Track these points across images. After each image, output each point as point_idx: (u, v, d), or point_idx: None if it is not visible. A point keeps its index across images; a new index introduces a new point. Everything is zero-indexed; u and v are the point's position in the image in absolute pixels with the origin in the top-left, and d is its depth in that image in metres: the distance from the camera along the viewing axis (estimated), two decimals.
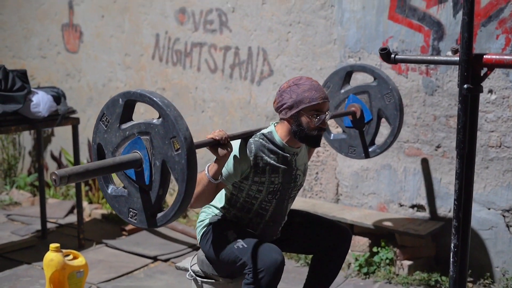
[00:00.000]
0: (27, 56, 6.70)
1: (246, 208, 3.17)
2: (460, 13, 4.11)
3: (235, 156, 3.02)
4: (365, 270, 4.30)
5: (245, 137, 3.08)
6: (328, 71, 4.58)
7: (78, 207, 4.97)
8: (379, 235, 4.40)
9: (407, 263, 4.23)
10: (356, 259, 4.37)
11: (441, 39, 4.21)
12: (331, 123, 4.41)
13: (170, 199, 5.30)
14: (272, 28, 4.94)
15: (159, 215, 2.54)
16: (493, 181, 4.09)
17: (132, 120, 2.60)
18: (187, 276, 3.35)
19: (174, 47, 5.56)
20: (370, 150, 3.98)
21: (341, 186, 4.76)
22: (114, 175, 2.70)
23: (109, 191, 2.69)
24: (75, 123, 4.87)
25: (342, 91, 4.03)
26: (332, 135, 4.15)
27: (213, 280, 3.29)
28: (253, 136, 3.08)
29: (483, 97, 4.04)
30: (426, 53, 4.28)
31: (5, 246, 4.91)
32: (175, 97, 5.58)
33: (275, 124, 3.14)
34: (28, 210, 5.88)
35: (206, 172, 2.92)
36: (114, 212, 5.66)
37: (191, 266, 3.39)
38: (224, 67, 5.26)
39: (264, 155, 3.04)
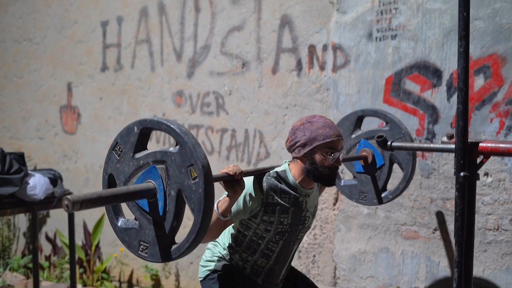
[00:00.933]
0: (25, 137, 6.74)
1: (252, 248, 3.10)
2: (454, 96, 4.18)
3: (246, 193, 2.97)
4: None
5: (258, 174, 3.04)
6: None
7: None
8: None
9: None
10: None
11: (436, 122, 4.25)
12: (341, 168, 4.36)
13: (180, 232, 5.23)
14: (269, 111, 5.00)
15: (173, 247, 2.44)
16: (491, 265, 4.06)
17: (147, 149, 2.54)
18: None
19: None
20: (382, 196, 3.91)
21: (338, 270, 4.71)
22: (124, 207, 2.63)
23: (119, 224, 2.59)
24: None
25: (353, 136, 4.01)
26: (342, 181, 4.09)
27: None
28: (266, 174, 3.04)
29: (479, 180, 4.04)
30: (421, 136, 4.31)
31: None
32: None
33: (289, 162, 3.11)
34: None
35: (216, 208, 2.88)
36: None
37: None
38: (221, 149, 5.29)
39: (275, 195, 3.00)
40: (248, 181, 3.00)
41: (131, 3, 5.83)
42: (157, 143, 5.66)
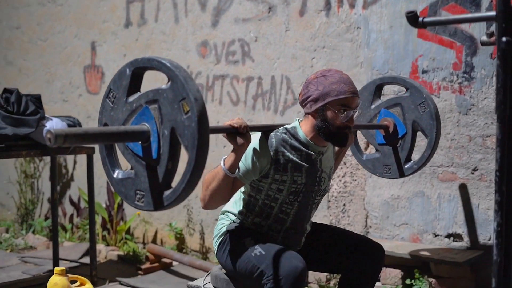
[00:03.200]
0: (49, 101, 6.58)
1: (265, 212, 2.87)
2: (494, 26, 3.88)
3: (254, 150, 2.73)
4: None
5: (265, 131, 2.80)
6: None
7: (91, 243, 4.70)
8: (412, 266, 4.03)
9: None
10: None
11: (474, 54, 3.96)
12: (363, 143, 4.11)
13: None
14: (296, 55, 4.75)
15: (167, 192, 2.24)
16: None
17: (140, 92, 2.36)
18: None
19: (196, 81, 5.38)
20: (406, 167, 3.61)
21: (370, 218, 4.43)
22: (121, 160, 2.45)
23: (115, 175, 2.41)
24: (90, 153, 4.65)
25: (373, 106, 3.73)
26: (364, 155, 3.82)
27: None
28: (274, 131, 2.81)
29: None
30: (459, 70, 4.02)
31: (15, 283, 4.64)
32: None
33: (300, 120, 2.89)
34: (42, 253, 5.62)
35: (222, 164, 2.65)
36: (130, 252, 5.38)
37: (204, 285, 3.09)
38: (247, 99, 5.06)
39: (286, 151, 2.77)
40: (256, 137, 2.77)
41: None
42: None
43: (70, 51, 6.44)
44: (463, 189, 4.04)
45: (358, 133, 3.89)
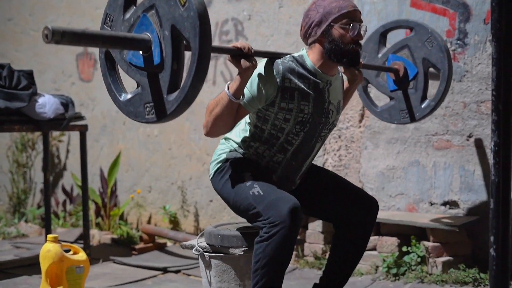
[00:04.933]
0: (42, 91, 6.50)
1: (270, 142, 2.82)
2: None
3: (260, 76, 2.68)
4: (394, 271, 3.89)
5: (271, 57, 2.74)
6: None
7: (84, 221, 4.67)
8: (409, 234, 4.00)
9: (441, 260, 3.81)
10: (384, 260, 3.96)
11: (467, 20, 3.96)
12: (375, 95, 4.04)
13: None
14: (290, 31, 4.74)
15: (175, 93, 2.22)
16: None
17: (135, 6, 2.35)
18: (193, 252, 3.01)
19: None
20: (423, 106, 3.57)
21: (366, 190, 4.39)
22: (126, 82, 2.46)
23: (121, 98, 2.44)
24: (83, 130, 4.63)
25: (380, 55, 3.71)
26: (379, 107, 3.80)
27: (221, 254, 2.94)
28: (281, 58, 2.75)
29: None
30: (452, 37, 4.02)
31: (5, 263, 4.59)
32: (190, 115, 5.34)
33: (307, 50, 2.83)
34: (34, 239, 5.57)
35: (226, 89, 2.60)
36: (124, 235, 5.33)
37: (198, 243, 3.06)
38: None
39: (292, 78, 2.71)
40: (261, 63, 2.73)
41: None
42: None
43: None
44: (459, 156, 4.02)
45: (370, 86, 3.86)
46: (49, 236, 3.40)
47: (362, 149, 4.41)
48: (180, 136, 5.45)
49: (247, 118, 2.86)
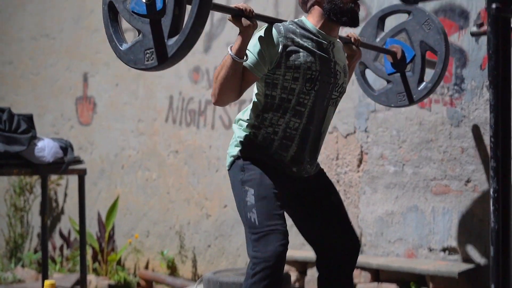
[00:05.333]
0: (41, 134, 6.53)
1: (283, 107, 2.77)
2: (483, 37, 3.92)
3: (261, 39, 2.70)
4: None
5: (271, 21, 2.78)
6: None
7: (81, 267, 4.63)
8: (408, 281, 3.98)
9: None
10: None
11: (464, 66, 4.00)
12: (372, 80, 4.01)
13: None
14: None
15: (176, 36, 2.28)
16: None
17: None
18: None
19: (188, 107, 5.40)
20: (420, 88, 3.56)
21: (364, 235, 4.39)
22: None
23: (122, 47, 2.50)
24: (81, 174, 4.63)
25: (378, 39, 3.73)
26: (376, 91, 3.80)
27: None
28: (281, 23, 2.79)
29: None
30: (449, 82, 4.06)
31: None
32: (189, 159, 5.36)
33: (306, 16, 2.87)
34: (31, 285, 5.52)
35: (229, 50, 2.63)
36: (121, 281, 5.29)
37: None
38: None
39: (295, 37, 2.73)
40: (262, 28, 2.77)
41: None
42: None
43: (62, 83, 6.47)
44: (457, 201, 4.02)
45: (367, 71, 3.89)
46: (46, 282, 3.38)
47: (360, 194, 4.41)
48: (179, 180, 5.45)
49: (255, 92, 2.86)
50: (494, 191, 2.05)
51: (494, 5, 2.03)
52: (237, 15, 2.60)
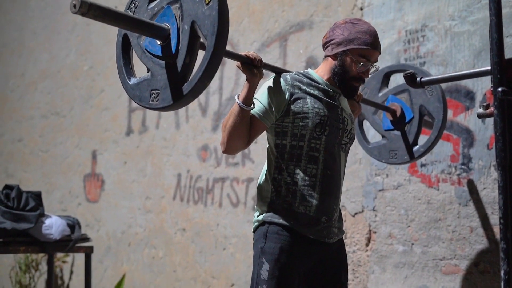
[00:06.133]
0: (48, 211, 6.54)
1: (295, 155, 2.78)
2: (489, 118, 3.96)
3: (269, 88, 2.77)
4: None
5: (279, 72, 2.85)
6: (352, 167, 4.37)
7: None
8: None
9: None
10: None
11: (471, 145, 4.03)
12: (368, 131, 4.06)
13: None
14: None
15: (184, 85, 2.29)
16: None
17: None
18: None
19: (196, 185, 5.42)
20: (414, 150, 3.62)
21: None
22: (136, 65, 2.53)
23: (130, 82, 2.50)
24: (88, 252, 4.62)
25: (380, 94, 3.78)
26: (371, 144, 3.85)
27: None
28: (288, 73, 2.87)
29: None
30: (456, 162, 4.07)
31: None
32: (196, 237, 5.34)
33: (314, 68, 2.95)
34: None
35: (236, 99, 2.67)
36: None
37: None
38: (247, 200, 5.07)
39: (302, 85, 2.80)
40: (270, 78, 2.85)
41: None
42: None
43: (70, 160, 6.52)
44: (467, 282, 3.97)
45: (365, 123, 3.92)
46: None
47: (369, 273, 4.37)
48: (185, 258, 5.42)
49: (267, 148, 2.90)
50: (505, 273, 2.04)
51: (500, 89, 2.07)
52: (246, 63, 2.67)
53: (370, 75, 2.92)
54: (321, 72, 2.90)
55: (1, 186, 6.95)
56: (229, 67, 5.29)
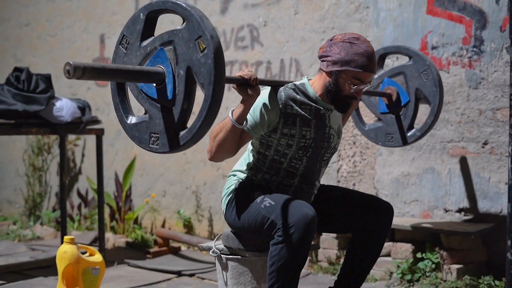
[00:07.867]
0: (58, 95, 6.58)
1: (274, 168, 2.87)
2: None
3: (263, 104, 2.76)
4: (408, 277, 3.90)
5: (274, 85, 2.83)
6: None
7: (100, 224, 4.70)
8: (423, 240, 4.01)
9: (455, 267, 3.81)
10: (398, 267, 3.96)
11: (483, 27, 3.97)
12: (365, 113, 4.10)
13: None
14: (305, 37, 4.77)
15: (183, 132, 2.28)
16: None
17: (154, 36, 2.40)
18: (211, 253, 3.04)
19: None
20: (409, 134, 3.65)
21: (380, 196, 4.40)
22: (134, 106, 2.48)
23: (128, 121, 2.46)
24: (99, 134, 4.67)
25: (376, 76, 3.76)
26: (367, 125, 3.85)
27: (239, 256, 2.96)
28: (284, 86, 2.84)
29: None
30: (468, 44, 4.03)
31: (22, 264, 4.62)
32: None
33: (309, 79, 2.90)
34: (50, 242, 5.60)
35: (230, 115, 2.67)
36: (139, 239, 5.36)
37: (215, 245, 3.08)
38: None
39: (294, 105, 2.79)
40: (265, 91, 2.81)
41: None
42: None
43: (79, 45, 6.48)
44: (474, 163, 4.02)
45: (360, 104, 3.91)
46: (66, 237, 3.44)
47: (376, 155, 4.42)
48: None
49: (250, 146, 2.94)
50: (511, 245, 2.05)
51: None
52: (241, 84, 2.62)
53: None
54: (315, 86, 2.85)
55: (11, 71, 6.98)
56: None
